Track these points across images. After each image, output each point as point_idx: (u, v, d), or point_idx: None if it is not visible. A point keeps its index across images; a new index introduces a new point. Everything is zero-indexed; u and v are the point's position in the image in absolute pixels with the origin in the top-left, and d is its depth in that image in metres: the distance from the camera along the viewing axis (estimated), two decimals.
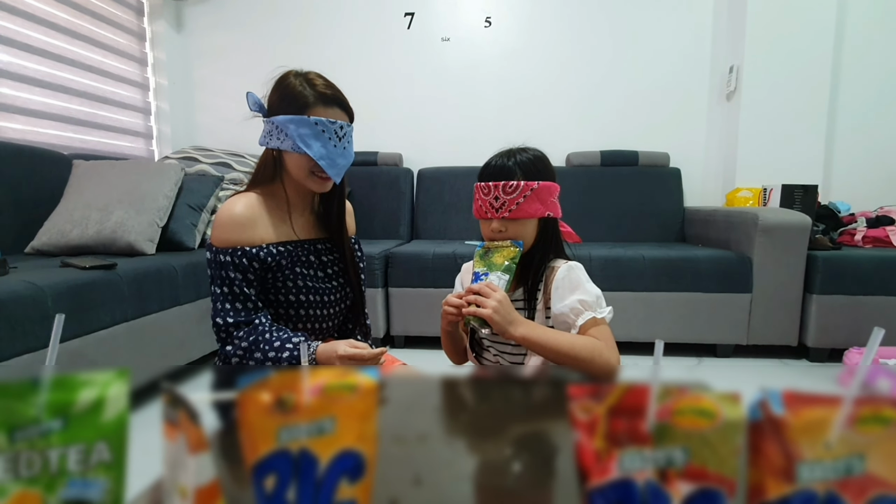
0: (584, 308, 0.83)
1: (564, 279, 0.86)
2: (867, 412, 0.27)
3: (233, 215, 0.87)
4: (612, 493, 0.28)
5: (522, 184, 0.86)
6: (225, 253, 0.86)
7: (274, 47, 2.98)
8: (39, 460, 0.28)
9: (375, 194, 2.78)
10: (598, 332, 0.82)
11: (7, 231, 1.76)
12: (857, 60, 2.58)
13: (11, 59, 2.05)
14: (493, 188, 0.87)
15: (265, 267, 0.89)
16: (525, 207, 0.86)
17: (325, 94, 0.89)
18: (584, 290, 0.85)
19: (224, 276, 0.86)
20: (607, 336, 0.83)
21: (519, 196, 0.86)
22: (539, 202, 0.87)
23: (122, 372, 0.31)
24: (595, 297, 0.85)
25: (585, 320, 0.82)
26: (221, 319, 0.87)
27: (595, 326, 0.82)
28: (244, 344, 0.85)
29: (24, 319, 1.16)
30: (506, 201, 0.86)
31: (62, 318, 0.33)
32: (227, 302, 0.87)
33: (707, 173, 2.84)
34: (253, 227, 0.88)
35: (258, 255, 0.88)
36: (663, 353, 0.30)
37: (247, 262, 0.87)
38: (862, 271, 1.96)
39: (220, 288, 0.87)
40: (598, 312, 0.83)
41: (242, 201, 0.89)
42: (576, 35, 2.83)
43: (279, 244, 0.91)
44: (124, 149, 2.68)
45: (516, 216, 0.86)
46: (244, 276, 0.87)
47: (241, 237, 0.87)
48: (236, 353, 0.86)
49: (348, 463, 0.31)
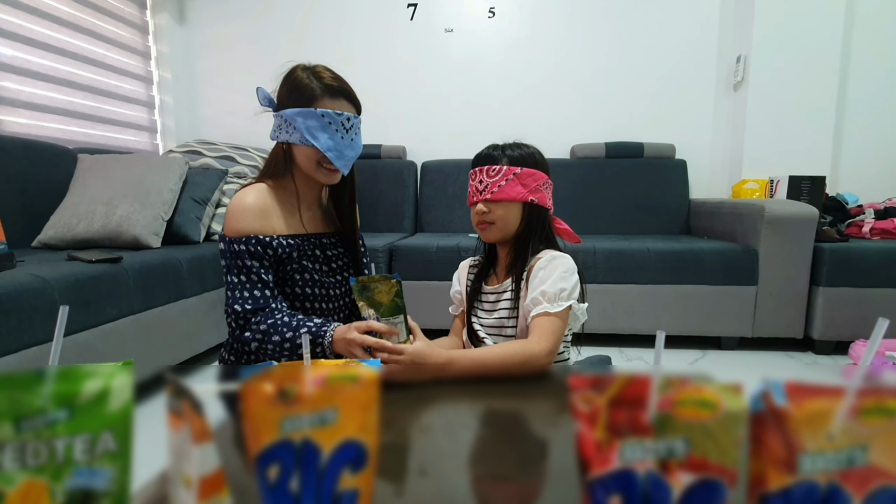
0: (542, 299, 0.82)
1: (541, 269, 0.86)
2: (870, 403, 0.27)
3: (245, 205, 0.89)
4: (612, 483, 0.28)
5: (505, 168, 0.89)
6: (239, 242, 0.87)
7: (277, 39, 2.96)
8: (46, 450, 0.28)
9: (379, 187, 2.78)
10: (538, 322, 0.80)
11: (14, 225, 1.78)
12: (866, 49, 2.54)
13: (16, 53, 2.06)
14: (478, 173, 0.91)
15: (277, 258, 0.90)
16: (507, 190, 0.89)
17: (331, 87, 0.91)
18: (552, 282, 0.83)
19: (241, 265, 0.87)
20: (545, 328, 0.79)
21: (501, 179, 0.89)
22: (521, 186, 0.89)
23: (126, 363, 0.31)
24: (557, 290, 0.82)
25: (538, 312, 0.81)
26: (240, 307, 0.86)
27: (542, 317, 0.81)
28: (262, 327, 0.85)
29: (32, 312, 1.17)
30: (488, 184, 0.90)
31: (66, 310, 0.33)
32: (245, 290, 0.87)
33: (713, 165, 2.81)
34: (265, 216, 0.90)
35: (271, 243, 0.89)
36: (667, 347, 0.30)
37: (261, 250, 0.88)
38: (869, 263, 1.94)
39: (238, 277, 0.87)
40: (553, 306, 0.81)
41: (254, 192, 0.91)
42: (580, 25, 2.80)
43: (289, 237, 0.92)
44: (129, 143, 2.69)
45: (497, 198, 0.88)
46: (260, 262, 0.88)
47: (253, 226, 0.88)
48: (255, 338, 0.85)
49: (350, 453, 0.32)
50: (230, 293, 0.88)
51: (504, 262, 0.96)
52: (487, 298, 0.96)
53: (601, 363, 1.12)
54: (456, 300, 1.02)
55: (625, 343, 2.13)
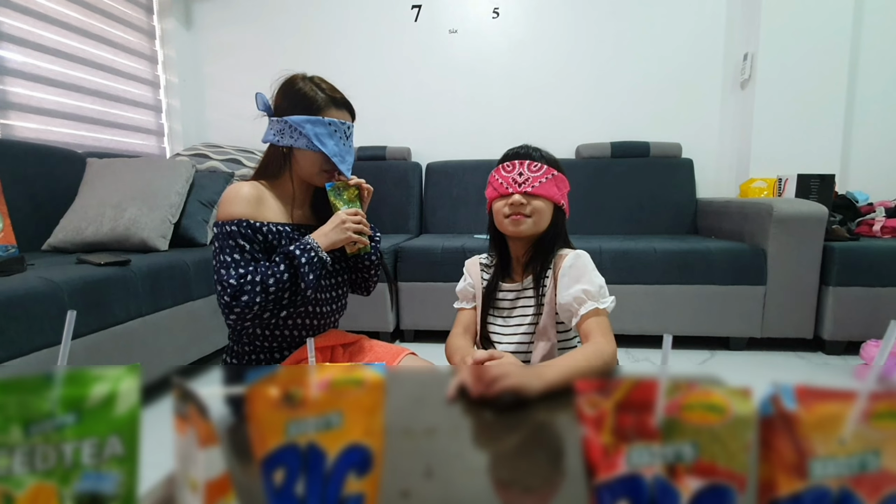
0: (587, 298, 0.84)
1: (571, 267, 0.87)
2: (883, 407, 0.26)
3: (240, 193, 0.90)
4: (619, 488, 0.27)
5: (545, 166, 0.92)
6: (231, 224, 0.88)
7: (283, 43, 2.98)
8: (54, 454, 0.29)
9: (384, 189, 2.78)
10: (597, 322, 0.82)
11: (24, 229, 1.80)
12: (875, 46, 2.51)
13: (25, 58, 2.09)
14: (517, 165, 0.92)
15: (268, 244, 0.91)
16: (546, 187, 0.91)
17: (335, 98, 0.96)
18: (589, 279, 0.85)
19: (234, 245, 0.87)
20: (605, 326, 0.82)
21: (542, 175, 0.91)
22: (556, 188, 0.92)
23: (133, 367, 0.31)
24: (598, 287, 0.85)
25: (588, 310, 0.83)
26: (234, 280, 0.84)
27: (595, 317, 0.83)
28: (257, 278, 0.84)
29: (42, 315, 1.19)
30: (529, 177, 0.90)
31: (74, 315, 0.33)
32: (241, 267, 0.86)
33: (720, 164, 2.79)
34: (258, 205, 0.92)
35: (261, 229, 0.90)
36: (674, 347, 0.29)
37: (252, 234, 0.89)
38: (880, 262, 1.91)
39: (231, 256, 0.87)
40: (600, 303, 0.83)
41: (248, 184, 0.94)
42: (585, 24, 2.79)
43: (280, 224, 0.94)
44: (136, 146, 2.71)
45: (539, 192, 0.90)
46: (251, 245, 0.89)
47: (245, 211, 0.89)
48: (254, 290, 0.84)
49: (356, 457, 0.32)
50: (224, 271, 0.85)
51: (521, 261, 0.96)
52: (506, 297, 0.96)
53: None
54: (468, 295, 1.01)
55: (632, 344, 2.12)
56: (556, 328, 0.92)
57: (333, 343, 1.01)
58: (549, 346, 0.91)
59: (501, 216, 0.92)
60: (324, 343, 0.99)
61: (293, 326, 0.96)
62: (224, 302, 0.84)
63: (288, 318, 0.95)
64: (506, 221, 0.92)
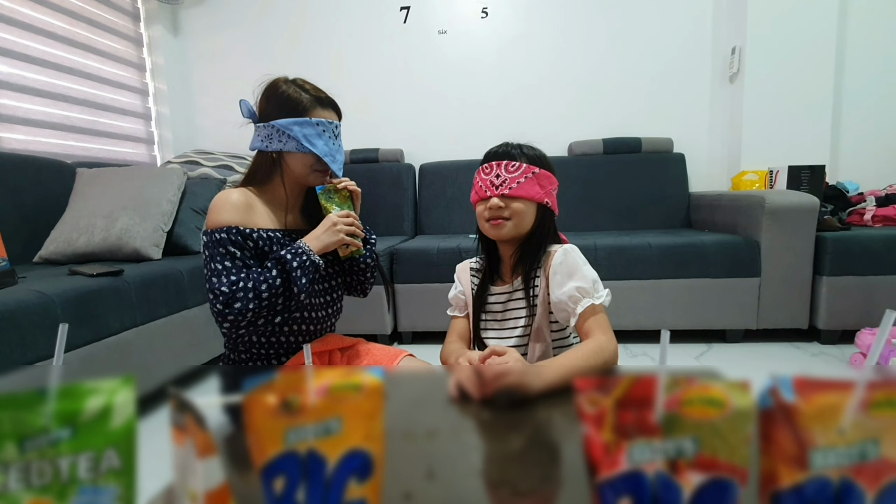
0: (581, 295, 0.82)
1: (562, 264, 0.85)
2: (881, 396, 0.26)
3: (228, 200, 0.89)
4: (622, 485, 0.27)
5: (525, 165, 0.88)
6: (220, 231, 0.87)
7: (272, 47, 2.97)
8: (50, 469, 0.28)
9: (378, 191, 2.78)
10: (596, 321, 0.81)
11: (15, 241, 1.78)
12: (861, 37, 2.53)
13: (11, 69, 2.06)
14: (495, 167, 0.89)
15: (259, 250, 0.90)
16: (525, 187, 0.87)
17: (320, 97, 0.94)
18: (581, 274, 0.84)
19: (224, 252, 0.86)
20: (605, 323, 0.81)
21: (521, 176, 0.88)
22: (539, 186, 0.89)
23: (128, 379, 0.31)
24: (591, 282, 0.83)
25: (584, 308, 0.81)
26: (227, 287, 0.83)
27: (593, 315, 0.81)
28: (249, 284, 0.83)
29: (34, 328, 1.17)
30: (507, 179, 0.88)
31: (66, 328, 0.33)
32: (232, 274, 0.85)
33: (712, 157, 2.81)
34: (248, 211, 0.91)
35: (251, 235, 0.89)
36: (671, 341, 0.29)
37: (242, 241, 0.88)
38: (872, 251, 1.93)
39: (222, 263, 0.85)
40: (595, 298, 0.82)
41: (237, 191, 0.92)
42: (574, 22, 2.80)
43: (270, 230, 0.93)
44: (127, 155, 2.69)
45: (516, 194, 0.87)
46: (242, 252, 0.87)
47: (234, 218, 0.88)
48: (247, 297, 0.83)
49: (356, 462, 0.31)
50: (215, 279, 0.84)
51: (510, 263, 0.95)
52: (497, 300, 0.95)
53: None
54: (459, 303, 1.01)
55: (629, 339, 2.13)
56: (551, 328, 0.91)
57: (331, 347, 1.01)
58: (544, 348, 0.91)
59: (483, 220, 0.91)
60: (321, 348, 0.99)
61: (289, 332, 0.95)
62: (217, 310, 0.83)
63: (283, 324, 0.94)
64: (486, 225, 0.91)
